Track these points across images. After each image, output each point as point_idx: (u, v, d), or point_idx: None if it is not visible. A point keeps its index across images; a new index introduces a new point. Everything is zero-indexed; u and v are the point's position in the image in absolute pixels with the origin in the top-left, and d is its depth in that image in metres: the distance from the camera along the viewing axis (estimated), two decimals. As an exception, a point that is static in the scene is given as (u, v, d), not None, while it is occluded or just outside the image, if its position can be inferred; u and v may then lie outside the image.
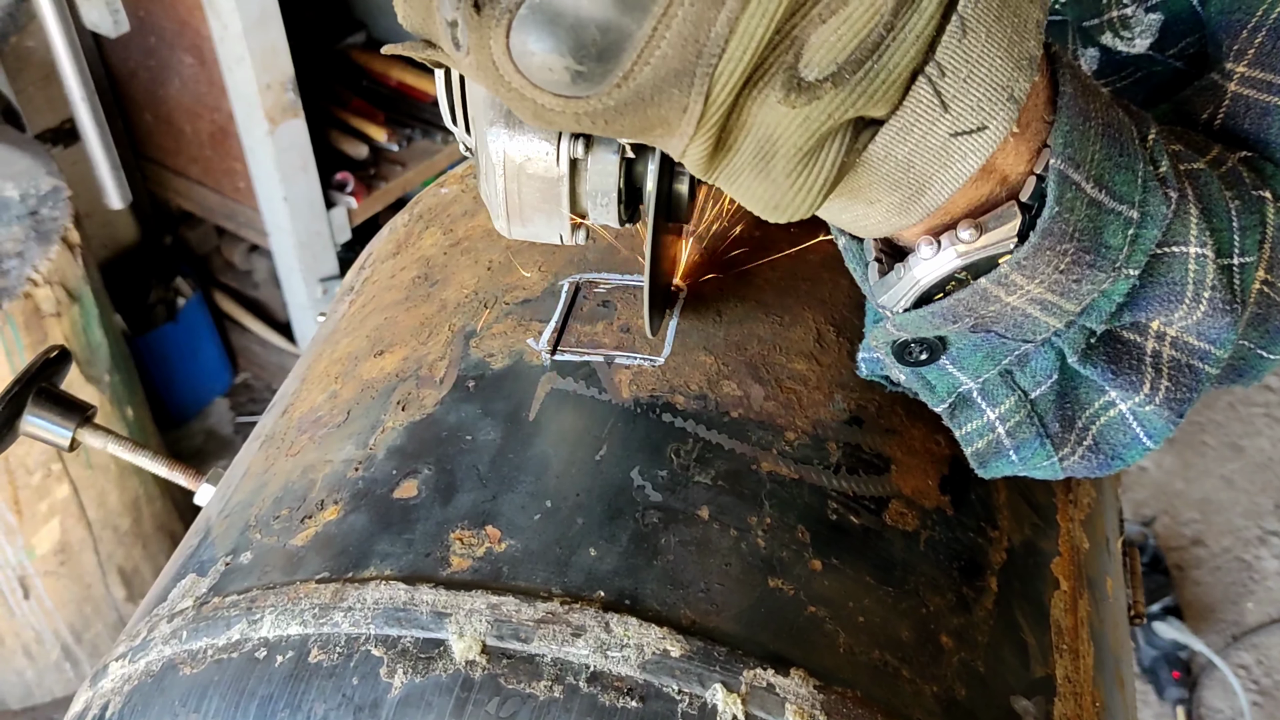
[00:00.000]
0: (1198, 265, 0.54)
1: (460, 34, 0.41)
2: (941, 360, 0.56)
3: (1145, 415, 0.58)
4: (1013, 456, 0.60)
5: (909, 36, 0.40)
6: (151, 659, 0.54)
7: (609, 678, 0.49)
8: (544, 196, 0.53)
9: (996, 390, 0.58)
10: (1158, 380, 0.57)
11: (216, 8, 1.84)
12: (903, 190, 0.45)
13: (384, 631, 0.50)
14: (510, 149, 0.51)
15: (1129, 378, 0.57)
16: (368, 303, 0.73)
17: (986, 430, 0.59)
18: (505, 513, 0.55)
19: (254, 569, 0.56)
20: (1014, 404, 0.58)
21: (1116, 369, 0.57)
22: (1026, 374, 0.57)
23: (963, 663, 0.56)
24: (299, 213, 2.06)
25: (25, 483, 1.72)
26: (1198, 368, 0.58)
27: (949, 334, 0.55)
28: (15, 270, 1.63)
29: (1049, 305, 0.51)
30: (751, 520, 0.56)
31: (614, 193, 0.53)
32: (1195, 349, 0.58)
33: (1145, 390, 0.57)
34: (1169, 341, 0.57)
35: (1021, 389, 0.58)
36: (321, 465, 0.60)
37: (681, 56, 0.39)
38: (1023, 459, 0.60)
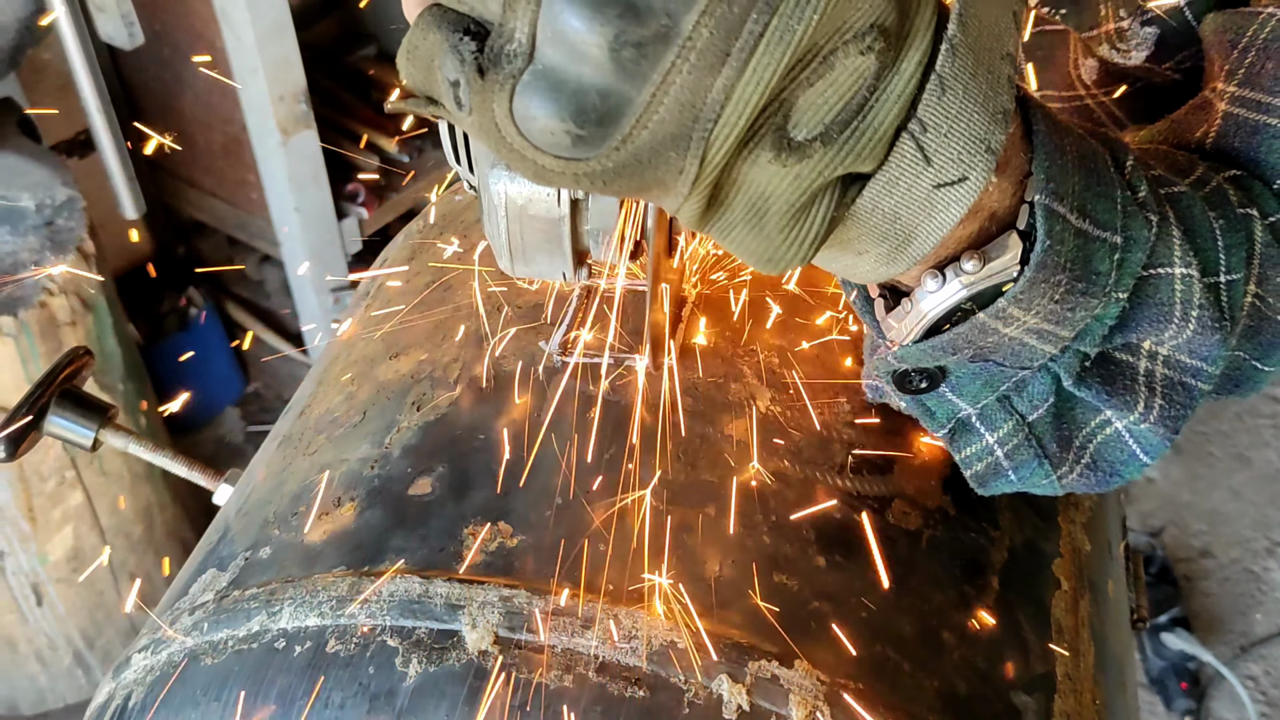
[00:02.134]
0: (1184, 285, 0.56)
1: (463, 94, 0.42)
2: (941, 388, 0.58)
3: (1141, 433, 0.60)
4: (1012, 477, 0.61)
5: (891, 96, 0.42)
6: (174, 650, 0.56)
7: (617, 668, 0.50)
8: (546, 237, 0.54)
9: (995, 415, 0.59)
10: (1151, 399, 0.59)
11: (230, 19, 1.87)
12: (890, 241, 0.47)
13: (399, 623, 0.52)
14: (512, 191, 0.53)
15: (1123, 398, 0.58)
16: (383, 307, 0.75)
17: (985, 454, 0.60)
18: (517, 509, 0.56)
19: (273, 563, 0.58)
20: (1012, 428, 0.59)
21: (1111, 390, 0.58)
22: (1024, 398, 0.59)
23: (963, 659, 0.58)
24: (311, 223, 2.08)
25: (39, 490, 1.74)
26: (1190, 385, 0.60)
27: (949, 364, 0.56)
28: (31, 279, 1.65)
29: (1045, 334, 0.53)
30: (758, 518, 0.57)
31: (615, 231, 0.55)
32: (1187, 366, 0.59)
33: (1139, 409, 0.59)
34: (1161, 360, 0.59)
35: (1019, 413, 0.59)
36: (338, 464, 0.62)
37: (679, 121, 0.41)
38: (1021, 479, 0.61)
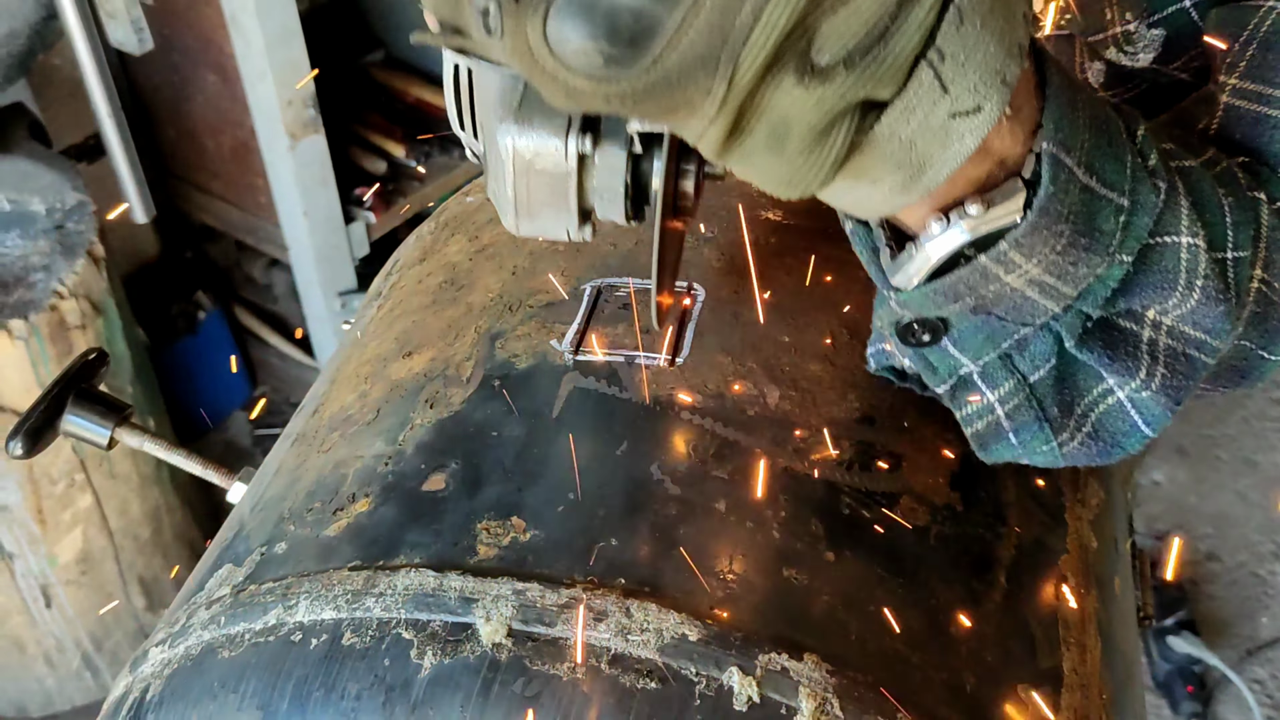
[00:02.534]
0: (1190, 255, 0.57)
1: (493, 20, 0.44)
2: (943, 342, 0.59)
3: (1143, 402, 0.60)
4: (1012, 440, 0.61)
5: (912, 25, 0.44)
6: (191, 644, 0.57)
7: (630, 660, 0.51)
8: (552, 191, 0.55)
9: (996, 373, 0.60)
10: (1154, 367, 0.59)
11: (240, 25, 1.88)
12: (905, 169, 0.48)
13: (414, 616, 0.53)
14: (520, 144, 0.53)
15: (1125, 363, 0.59)
16: (395, 307, 0.75)
17: (986, 411, 0.61)
18: (530, 504, 0.57)
19: (289, 558, 0.58)
20: (1013, 387, 0.60)
21: (1113, 355, 0.59)
22: (1025, 358, 0.59)
23: (971, 652, 0.58)
24: (318, 227, 2.09)
25: (49, 492, 1.75)
26: (1194, 357, 0.60)
27: (951, 315, 0.57)
28: (42, 283, 1.66)
29: (1047, 288, 0.54)
30: (767, 513, 0.58)
31: (621, 188, 0.55)
32: (1191, 338, 0.59)
33: (1141, 376, 0.59)
34: (1165, 330, 0.59)
35: (1020, 372, 0.60)
36: (353, 460, 0.63)
37: (708, 43, 0.42)
38: (1022, 442, 0.61)
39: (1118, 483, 0.81)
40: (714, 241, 0.72)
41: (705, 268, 0.70)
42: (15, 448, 0.72)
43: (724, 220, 0.74)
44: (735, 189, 0.77)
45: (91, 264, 1.71)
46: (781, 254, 0.72)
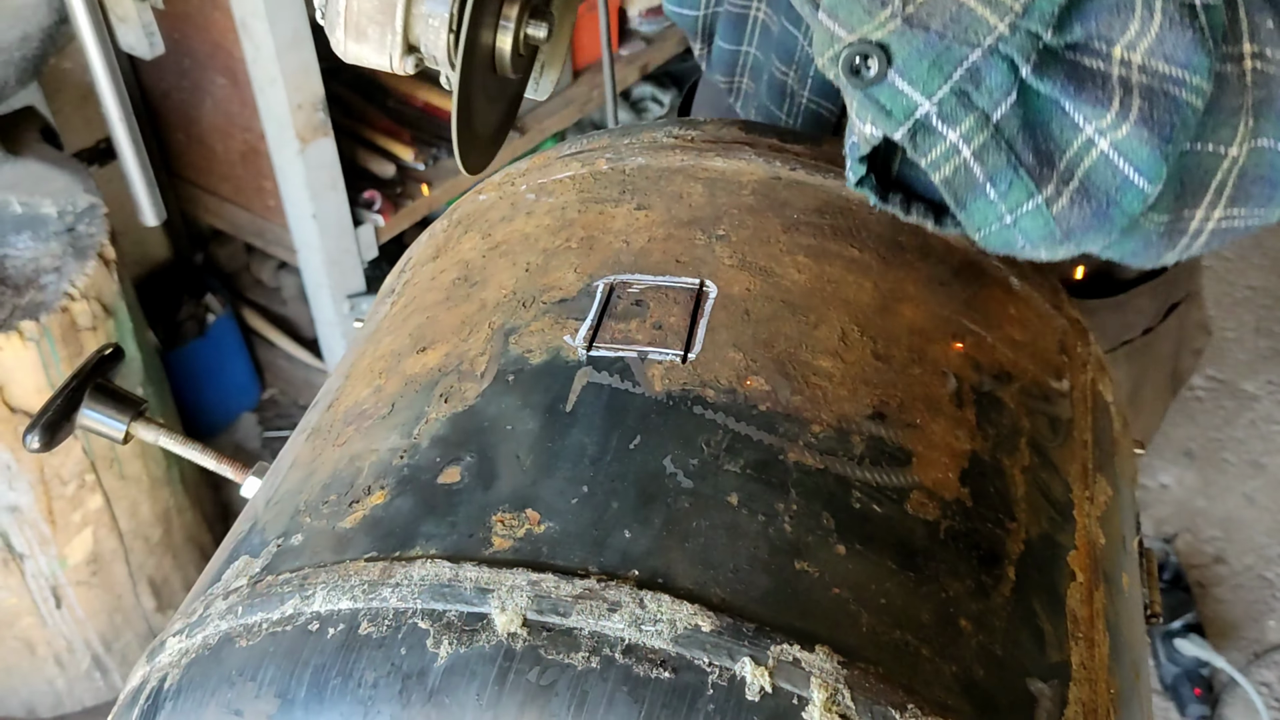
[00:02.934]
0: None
1: None
2: (890, 75, 0.55)
3: (1127, 145, 0.56)
4: (989, 191, 0.57)
5: None
6: (208, 633, 0.57)
7: (643, 650, 0.52)
8: (381, 7, 0.57)
9: (954, 111, 0.56)
10: (1128, 98, 0.55)
11: (250, 30, 1.89)
12: None
13: (430, 606, 0.53)
14: None
15: (1093, 94, 0.55)
16: (409, 303, 0.76)
17: (951, 153, 0.57)
18: (544, 497, 0.58)
19: (305, 549, 0.59)
20: (974, 122, 0.56)
21: (1079, 85, 0.55)
22: (982, 92, 0.56)
23: (981, 645, 0.59)
24: (327, 230, 2.10)
25: (59, 493, 1.76)
26: (1174, 94, 0.56)
27: (888, 38, 0.55)
28: (53, 285, 1.67)
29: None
30: (779, 507, 0.59)
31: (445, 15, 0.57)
32: (1166, 74, 0.55)
33: (1115, 108, 0.55)
34: (1136, 68, 0.55)
35: (981, 108, 0.56)
36: (368, 454, 0.63)
37: None
38: (1001, 194, 0.57)
39: (1126, 480, 0.81)
40: (726, 239, 0.72)
41: (717, 265, 0.71)
42: (33, 441, 0.73)
43: (735, 218, 0.75)
44: (747, 186, 0.77)
45: (103, 266, 1.72)
46: (793, 251, 0.72)
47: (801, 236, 0.74)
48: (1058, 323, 0.81)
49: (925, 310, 0.72)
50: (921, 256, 0.76)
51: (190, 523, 2.08)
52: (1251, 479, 2.43)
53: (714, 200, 0.76)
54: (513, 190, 0.82)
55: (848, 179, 0.62)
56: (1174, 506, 2.39)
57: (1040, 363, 0.76)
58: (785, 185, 0.78)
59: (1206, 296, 2.80)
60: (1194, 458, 2.47)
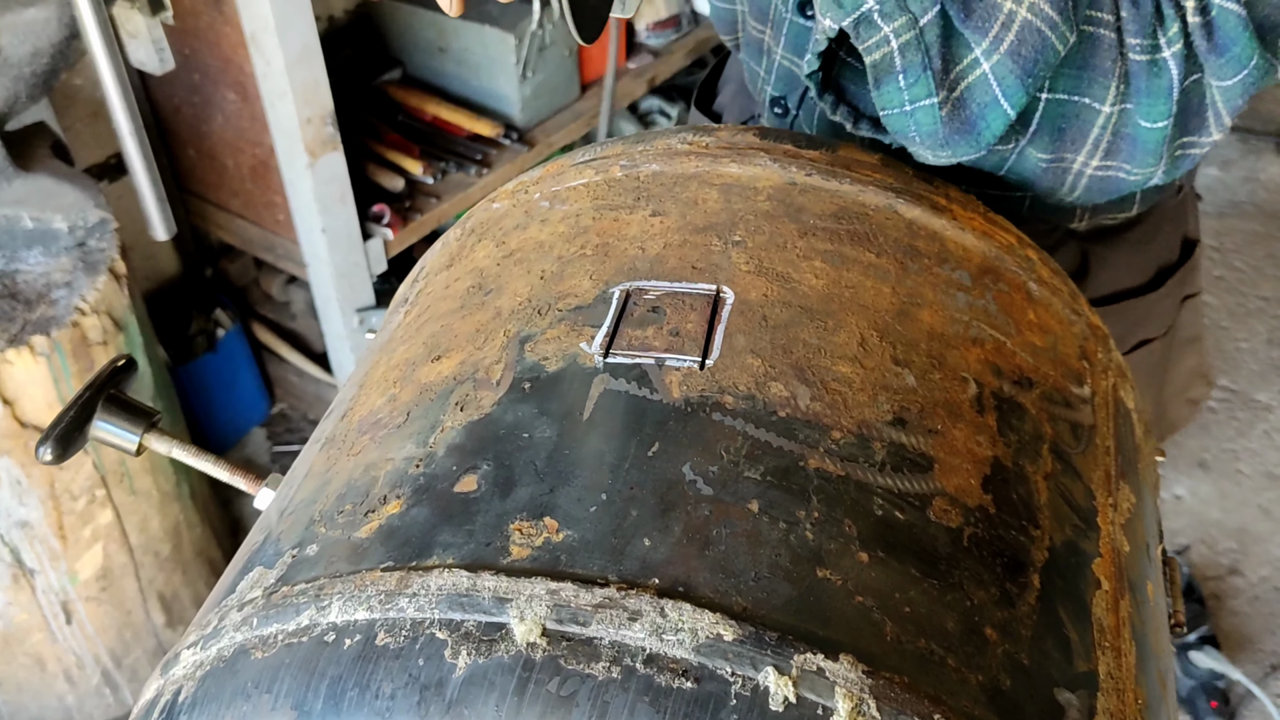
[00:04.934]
0: None
1: None
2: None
3: (998, 70, 0.72)
4: (900, 81, 0.73)
5: None
6: (223, 645, 0.56)
7: (665, 660, 0.51)
8: None
9: (893, 11, 0.71)
10: (1003, 33, 0.71)
11: (260, 44, 1.89)
12: None
13: (448, 616, 0.52)
14: None
15: (979, 21, 0.71)
16: (423, 312, 0.75)
17: (883, 43, 0.72)
18: (562, 505, 0.57)
19: (320, 560, 0.58)
20: (905, 23, 0.71)
21: (969, 11, 0.71)
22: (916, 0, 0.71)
23: (1007, 655, 0.58)
24: (337, 244, 2.10)
25: (70, 508, 1.75)
26: (1045, 35, 0.71)
27: None
28: (64, 300, 1.67)
29: None
30: (800, 514, 0.58)
31: None
32: (1045, 15, 0.71)
33: (991, 37, 0.71)
34: (1026, 6, 0.71)
35: (912, 13, 0.71)
36: (383, 463, 0.63)
37: None
38: (908, 85, 0.73)
39: (1149, 487, 0.80)
40: (742, 245, 0.72)
41: (733, 271, 0.70)
42: (45, 453, 0.72)
43: (751, 224, 0.74)
44: (763, 192, 0.77)
45: (113, 281, 1.72)
46: (810, 257, 0.72)
47: (818, 242, 0.73)
48: (1078, 328, 0.80)
49: (944, 315, 0.72)
50: (939, 261, 0.75)
51: (200, 538, 2.07)
52: (1266, 490, 2.41)
53: (730, 206, 0.76)
54: (526, 198, 0.82)
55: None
56: (1188, 518, 2.37)
57: (1061, 368, 0.75)
58: (801, 190, 0.77)
59: (1218, 307, 2.80)
60: (1208, 469, 2.45)
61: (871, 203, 0.77)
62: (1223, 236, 3.00)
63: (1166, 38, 0.74)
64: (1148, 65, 0.75)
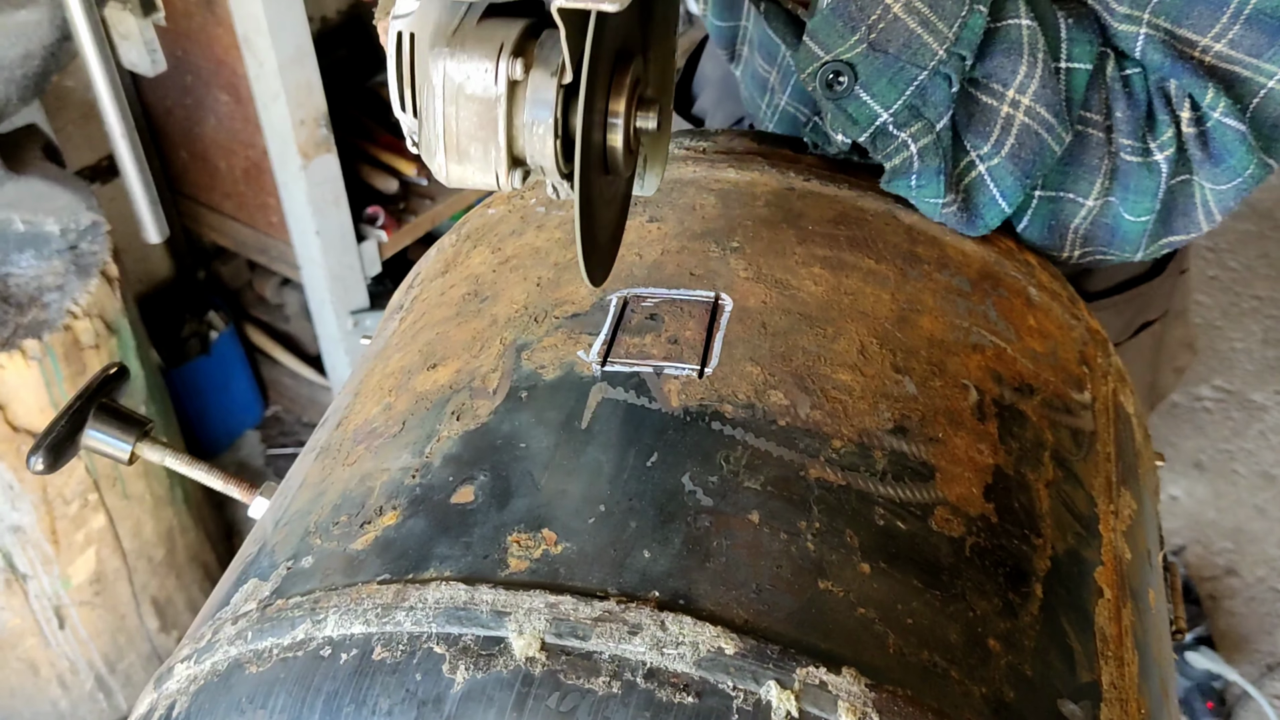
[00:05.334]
0: (1030, 33, 0.71)
1: None
2: (856, 89, 0.71)
3: (996, 171, 0.74)
4: (914, 181, 0.75)
5: None
6: (217, 659, 0.56)
7: (665, 674, 0.50)
8: (481, 122, 0.54)
9: (907, 120, 0.72)
10: (1004, 137, 0.73)
11: (252, 46, 1.88)
12: None
13: (445, 630, 0.52)
14: (451, 69, 0.53)
15: (980, 129, 0.73)
16: (418, 319, 0.75)
17: (902, 148, 0.73)
18: (560, 516, 0.56)
19: (315, 572, 0.58)
20: (922, 127, 0.72)
21: (970, 118, 0.73)
22: (930, 106, 0.71)
23: (1010, 666, 0.57)
24: (331, 246, 2.09)
25: (62, 513, 1.74)
26: (1042, 137, 0.73)
27: (855, 58, 0.70)
28: (56, 303, 1.66)
29: (926, 21, 0.68)
30: (801, 525, 0.57)
31: (550, 121, 0.54)
32: (1041, 118, 0.73)
33: (993, 140, 0.73)
34: (1023, 109, 0.72)
35: (927, 118, 0.72)
36: (379, 473, 0.62)
37: None
38: (918, 186, 0.75)
39: (1149, 493, 0.80)
40: (740, 251, 0.71)
41: (732, 277, 0.69)
42: (37, 463, 0.71)
43: (749, 230, 0.73)
44: (761, 197, 0.76)
45: (105, 284, 1.71)
46: (809, 263, 0.71)
47: (817, 248, 0.73)
48: (1077, 333, 0.79)
49: (944, 322, 0.71)
50: (939, 267, 0.75)
51: (194, 542, 2.06)
52: (1262, 490, 2.41)
53: (728, 212, 0.75)
54: (522, 204, 0.81)
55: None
56: (1184, 518, 2.37)
57: (1061, 374, 0.75)
58: (799, 196, 0.77)
59: (1212, 307, 2.80)
60: (1204, 469, 2.45)
61: (870, 208, 0.76)
62: (1216, 236, 3.00)
63: (1158, 141, 0.75)
64: (1139, 166, 0.76)
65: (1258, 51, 0.73)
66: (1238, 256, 2.96)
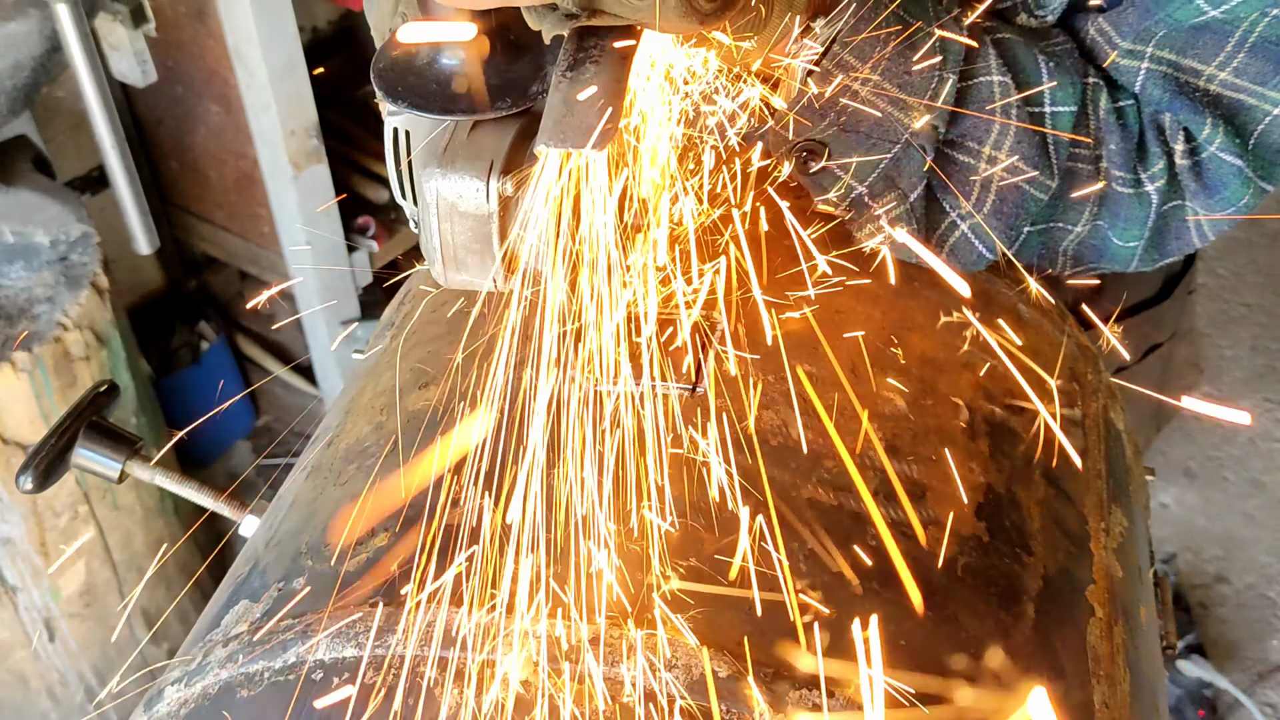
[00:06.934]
0: (1001, 90, 0.71)
1: None
2: (828, 164, 0.71)
3: (978, 229, 0.75)
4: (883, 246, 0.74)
5: None
6: (208, 682, 0.55)
7: (659, 696, 0.50)
8: (475, 236, 0.55)
9: (881, 191, 0.72)
10: (984, 195, 0.74)
11: (243, 57, 1.88)
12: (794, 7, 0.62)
13: (437, 654, 0.52)
14: (443, 189, 0.53)
15: (961, 189, 0.73)
16: (409, 337, 0.75)
17: (872, 219, 0.74)
18: (554, 538, 0.56)
19: (307, 594, 0.57)
20: (895, 199, 0.73)
21: (949, 181, 0.73)
22: (904, 176, 0.72)
23: (1003, 687, 0.57)
24: (322, 256, 2.09)
25: (52, 525, 1.73)
26: (1024, 189, 0.73)
27: (828, 138, 0.70)
28: (46, 315, 1.66)
29: (897, 101, 0.68)
30: (794, 546, 0.57)
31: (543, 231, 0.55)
32: (1023, 172, 0.73)
33: (973, 199, 0.74)
34: (1001, 165, 0.73)
35: (901, 189, 0.72)
36: (370, 494, 0.62)
37: None
38: (894, 245, 0.74)
39: (1140, 509, 0.80)
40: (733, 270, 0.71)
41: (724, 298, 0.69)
42: (26, 482, 0.71)
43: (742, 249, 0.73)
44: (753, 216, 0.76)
45: (95, 295, 1.70)
46: (800, 283, 0.71)
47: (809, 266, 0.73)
48: (1068, 350, 0.80)
49: (935, 340, 0.71)
50: (930, 285, 0.75)
51: (184, 553, 2.05)
52: (1251, 497, 2.42)
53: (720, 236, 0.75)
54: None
55: None
56: (1174, 526, 2.38)
57: (1052, 391, 0.75)
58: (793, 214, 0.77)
59: (1201, 314, 2.80)
60: (1193, 476, 2.46)
61: (862, 225, 0.76)
62: (1206, 244, 3.01)
63: (1149, 173, 0.76)
64: (1130, 196, 0.76)
65: (1263, 79, 0.73)
66: (1226, 264, 2.97)
